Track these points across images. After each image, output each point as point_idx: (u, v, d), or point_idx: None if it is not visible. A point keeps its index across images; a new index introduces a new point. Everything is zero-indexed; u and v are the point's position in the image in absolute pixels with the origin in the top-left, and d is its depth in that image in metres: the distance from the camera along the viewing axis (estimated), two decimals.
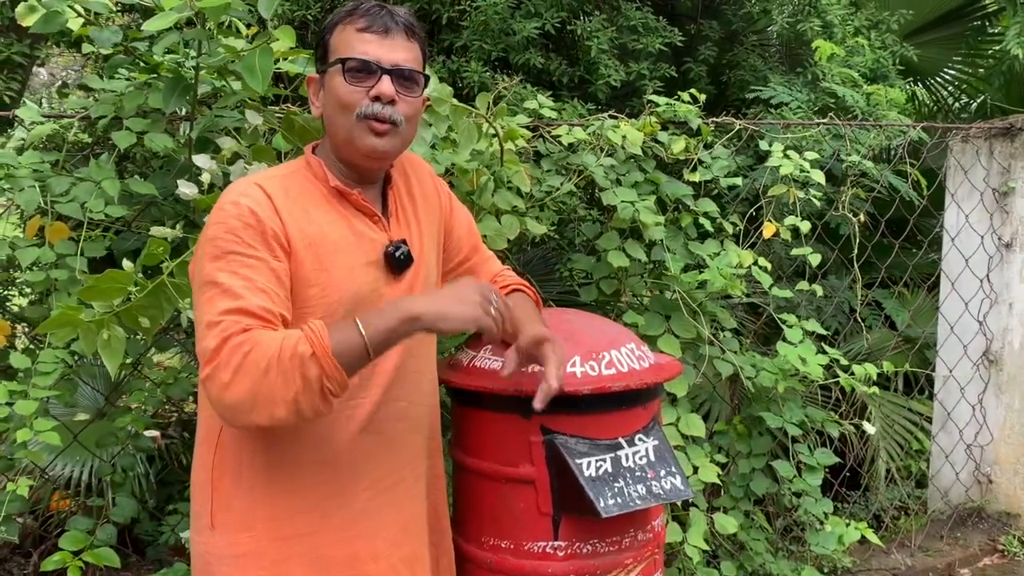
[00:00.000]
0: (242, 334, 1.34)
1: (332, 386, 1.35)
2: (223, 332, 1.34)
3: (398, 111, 1.51)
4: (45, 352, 1.86)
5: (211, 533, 1.53)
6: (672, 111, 2.77)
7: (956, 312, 3.56)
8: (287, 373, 1.32)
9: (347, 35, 1.51)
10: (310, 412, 1.36)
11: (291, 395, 1.33)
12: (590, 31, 4.16)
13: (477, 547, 1.81)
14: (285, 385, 1.32)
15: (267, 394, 1.32)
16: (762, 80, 4.55)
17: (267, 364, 1.32)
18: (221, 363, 1.33)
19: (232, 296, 1.37)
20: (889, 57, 4.83)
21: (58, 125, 2.04)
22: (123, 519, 2.01)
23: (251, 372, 1.32)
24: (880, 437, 3.84)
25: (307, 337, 1.33)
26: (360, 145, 1.51)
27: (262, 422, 1.35)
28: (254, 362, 1.32)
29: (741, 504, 2.86)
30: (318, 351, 1.32)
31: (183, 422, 3.47)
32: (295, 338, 1.33)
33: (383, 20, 1.51)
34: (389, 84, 1.49)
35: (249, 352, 1.32)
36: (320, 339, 1.33)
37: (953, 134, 3.53)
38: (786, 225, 2.78)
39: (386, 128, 1.50)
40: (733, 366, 2.71)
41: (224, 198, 1.45)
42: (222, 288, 1.38)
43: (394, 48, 1.51)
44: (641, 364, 1.79)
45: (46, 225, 1.94)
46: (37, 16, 1.78)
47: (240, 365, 1.32)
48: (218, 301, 1.37)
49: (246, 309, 1.36)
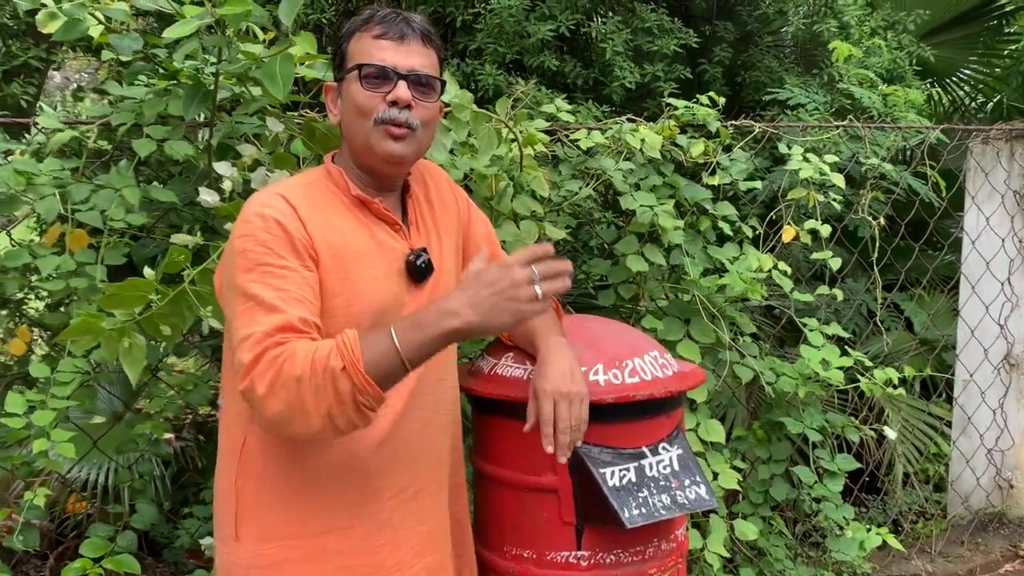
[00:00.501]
0: (277, 347, 1.33)
1: (366, 400, 1.32)
2: (259, 343, 1.33)
3: (414, 116, 1.51)
4: (64, 361, 1.85)
5: (236, 544, 1.52)
6: (691, 114, 2.75)
7: (976, 315, 3.53)
8: (319, 387, 1.30)
9: (363, 42, 1.51)
10: (345, 426, 1.34)
11: (324, 409, 1.31)
12: (605, 33, 4.15)
13: (499, 556, 1.80)
14: (317, 399, 1.31)
15: (301, 407, 1.31)
16: (778, 82, 4.52)
17: (299, 376, 1.30)
18: (257, 376, 1.32)
19: (269, 308, 1.36)
20: (906, 58, 4.80)
21: (77, 132, 2.03)
22: (143, 525, 2.01)
23: (286, 385, 1.31)
24: (898, 441, 3.81)
25: (339, 350, 1.31)
26: (378, 150, 1.50)
27: (302, 433, 1.35)
28: (288, 374, 1.31)
29: (760, 510, 2.84)
30: (349, 366, 1.30)
31: (197, 424, 3.47)
32: (327, 350, 1.31)
33: (399, 26, 1.51)
34: (405, 89, 1.49)
35: (283, 364, 1.32)
36: (352, 352, 1.30)
37: (973, 136, 3.50)
38: (806, 229, 2.76)
39: (403, 132, 1.50)
40: (753, 371, 2.68)
41: (248, 209, 1.44)
42: (257, 300, 1.37)
43: (410, 54, 1.51)
44: (664, 372, 1.78)
45: (66, 232, 1.94)
46: (58, 23, 1.78)
47: (275, 378, 1.31)
48: (256, 314, 1.36)
49: (284, 322, 1.35)
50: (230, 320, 1.42)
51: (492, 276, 1.32)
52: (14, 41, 4.13)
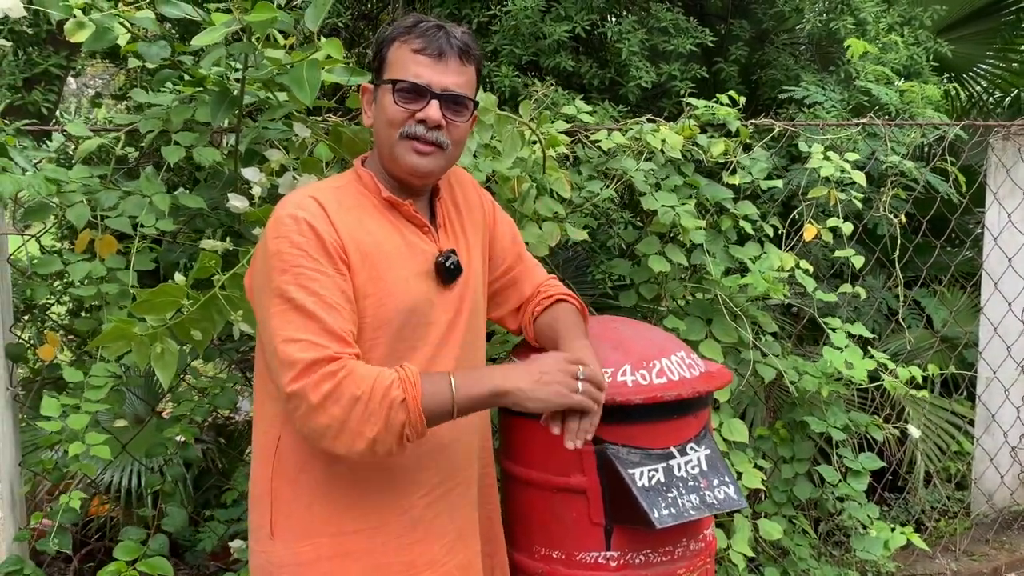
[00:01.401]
0: (334, 362, 1.37)
1: (411, 434, 1.39)
2: (313, 350, 1.36)
3: (444, 135, 1.53)
4: (97, 366, 1.88)
5: (271, 542, 1.54)
6: (711, 113, 2.75)
7: (999, 313, 3.51)
8: (374, 413, 1.35)
9: (402, 53, 1.52)
10: (384, 453, 1.40)
11: (372, 434, 1.36)
12: (621, 33, 4.15)
13: (528, 557, 1.81)
14: (368, 423, 1.35)
15: (349, 427, 1.36)
16: (794, 80, 4.51)
17: (357, 398, 1.35)
18: (312, 384, 1.35)
19: (307, 314, 1.39)
20: (922, 54, 4.77)
21: (105, 139, 2.06)
22: (174, 529, 2.03)
23: (341, 402, 1.35)
24: (920, 439, 3.79)
25: (402, 382, 1.37)
26: (402, 162, 1.53)
27: (340, 451, 1.40)
28: (345, 393, 1.35)
29: (784, 509, 2.83)
30: (410, 400, 1.36)
31: (217, 426, 3.49)
32: (389, 380, 1.37)
33: (439, 43, 1.52)
34: (437, 110, 1.51)
35: (342, 381, 1.35)
36: (414, 388, 1.37)
37: (994, 132, 3.48)
38: (828, 227, 2.76)
39: (430, 149, 1.53)
40: (776, 370, 2.68)
41: (281, 211, 1.46)
42: (293, 304, 1.39)
43: (447, 72, 1.52)
44: (692, 372, 1.78)
45: (96, 239, 1.96)
46: (87, 33, 1.79)
47: (331, 392, 1.35)
48: (291, 317, 1.39)
49: (332, 331, 1.39)
50: (264, 320, 1.43)
51: (548, 361, 1.49)
52: (35, 49, 4.16)
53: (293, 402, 1.38)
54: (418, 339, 1.53)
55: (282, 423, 1.52)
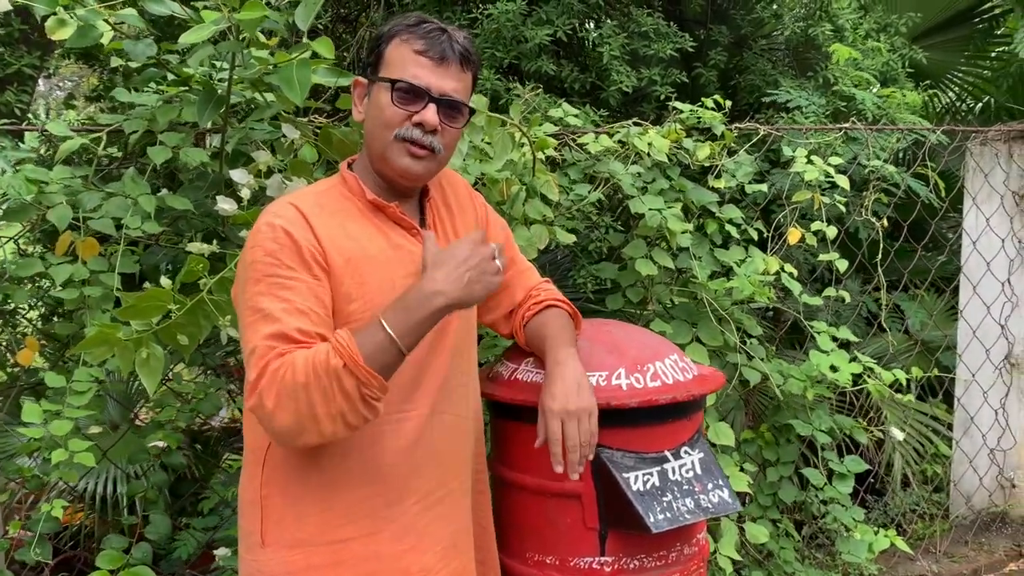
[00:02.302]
0: (277, 359, 1.34)
1: (372, 392, 1.35)
2: (261, 358, 1.35)
3: (438, 140, 1.51)
4: (80, 371, 1.83)
5: (262, 550, 1.51)
6: (696, 118, 2.76)
7: (978, 316, 3.55)
8: (325, 389, 1.32)
9: (403, 53, 1.50)
10: (357, 421, 1.36)
11: (335, 410, 1.33)
12: (602, 37, 4.15)
13: (521, 563, 1.79)
14: (326, 401, 1.33)
15: (311, 413, 1.33)
16: (772, 84, 4.54)
17: (305, 384, 1.32)
18: (264, 390, 1.34)
19: (271, 320, 1.37)
20: (898, 60, 4.83)
21: (86, 140, 2.01)
22: (157, 537, 1.99)
23: (292, 395, 1.33)
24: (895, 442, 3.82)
25: (335, 349, 1.34)
26: (394, 164, 1.51)
27: (313, 441, 1.37)
28: (292, 383, 1.32)
29: (769, 512, 2.84)
30: (349, 362, 1.32)
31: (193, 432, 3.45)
32: (324, 353, 1.33)
33: (441, 46, 1.50)
34: (434, 114, 1.49)
35: (285, 375, 1.33)
36: (348, 349, 1.33)
37: (972, 137, 3.52)
38: (812, 230, 2.77)
39: (424, 153, 1.51)
40: (761, 374, 2.68)
41: (260, 220, 1.45)
42: (263, 313, 1.38)
43: (446, 77, 1.51)
44: (685, 375, 1.78)
45: (77, 242, 1.92)
46: (69, 30, 1.75)
47: (280, 391, 1.33)
48: (259, 326, 1.38)
49: (283, 333, 1.36)
50: (241, 332, 1.42)
51: (464, 253, 1.44)
52: (7, 49, 4.09)
53: (257, 415, 1.37)
54: None
55: None
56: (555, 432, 1.52)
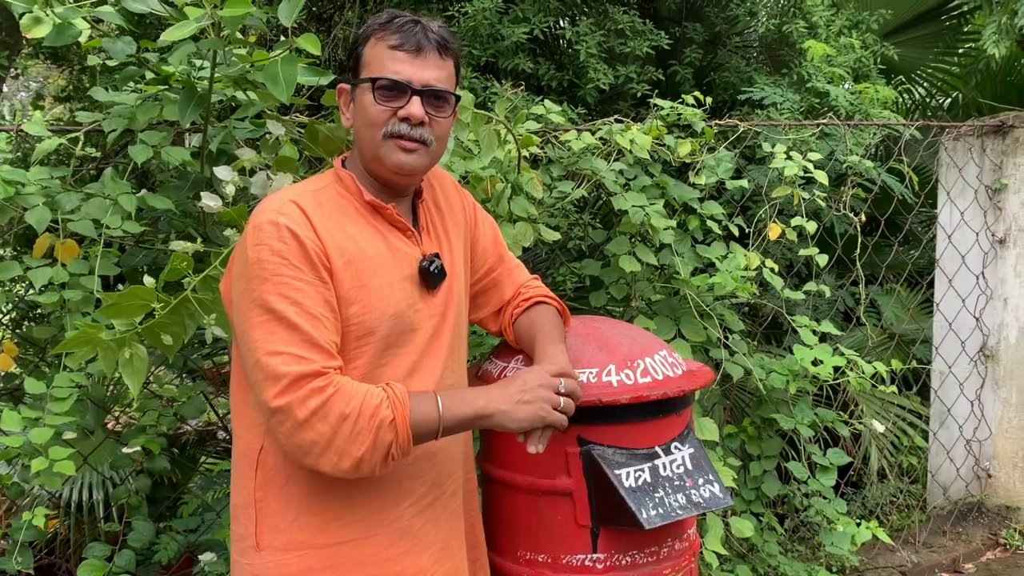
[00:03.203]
0: (319, 377, 1.34)
1: (398, 453, 1.37)
2: (295, 367, 1.33)
3: (428, 132, 1.49)
4: (60, 376, 1.79)
5: (257, 554, 1.49)
6: (676, 114, 2.76)
7: (953, 309, 3.59)
8: (362, 431, 1.33)
9: (379, 51, 1.48)
10: (369, 471, 1.38)
11: (359, 453, 1.34)
12: (579, 35, 4.15)
13: (512, 562, 1.78)
14: (355, 442, 1.33)
15: (335, 445, 1.33)
16: (747, 82, 4.57)
17: (346, 416, 1.32)
18: (298, 400, 1.32)
19: (290, 325, 1.35)
20: (870, 56, 4.88)
21: (64, 140, 1.97)
22: (141, 544, 1.95)
23: (329, 419, 1.32)
24: (871, 434, 3.86)
25: (391, 401, 1.35)
26: (388, 162, 1.49)
27: (324, 469, 1.37)
28: (334, 410, 1.32)
29: (753, 507, 2.86)
30: (399, 420, 1.35)
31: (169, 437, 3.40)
32: (378, 399, 1.35)
33: (416, 38, 1.47)
34: (419, 106, 1.47)
35: (330, 398, 1.33)
36: (403, 408, 1.36)
37: (946, 132, 3.56)
38: (792, 226, 2.78)
39: (415, 146, 1.49)
40: (743, 368, 2.70)
41: (259, 217, 1.41)
42: (276, 315, 1.35)
43: (426, 67, 1.48)
44: (675, 371, 1.78)
45: (56, 244, 1.88)
46: (46, 28, 1.72)
47: (318, 409, 1.32)
48: (276, 328, 1.35)
49: (314, 342, 1.35)
50: (245, 331, 1.38)
51: (532, 379, 1.48)
52: None
53: (277, 417, 1.34)
54: (403, 345, 1.50)
55: (263, 432, 1.47)
56: None
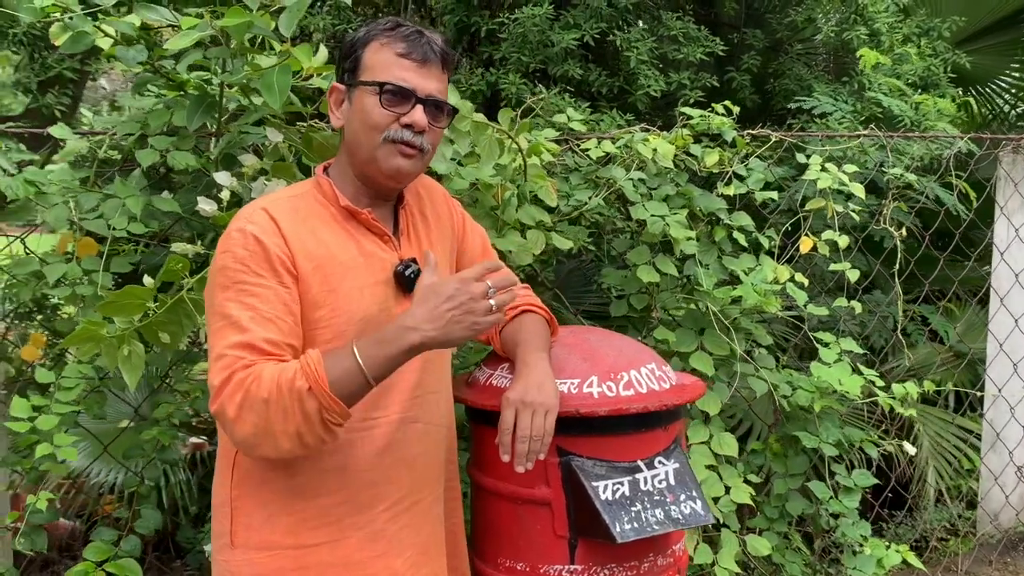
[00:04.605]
0: (244, 370, 1.36)
1: (332, 417, 1.36)
2: (228, 367, 1.36)
3: (426, 140, 1.52)
4: (69, 367, 1.89)
5: (232, 551, 1.53)
6: (706, 123, 2.73)
7: (1006, 328, 3.44)
8: (286, 408, 1.33)
9: (384, 56, 1.51)
10: (314, 443, 1.37)
11: (292, 429, 1.34)
12: (630, 41, 4.13)
13: (494, 568, 1.78)
14: (285, 419, 1.34)
15: (269, 429, 1.34)
16: (807, 90, 4.46)
17: (266, 400, 1.33)
18: (226, 398, 1.35)
19: (238, 329, 1.38)
20: (940, 65, 4.71)
21: (90, 142, 2.07)
22: (147, 531, 2.03)
23: (255, 408, 1.34)
24: (929, 455, 3.72)
25: (303, 370, 1.34)
26: (384, 166, 1.51)
27: (270, 454, 1.39)
28: (256, 398, 1.34)
29: (776, 525, 2.79)
30: (314, 386, 1.33)
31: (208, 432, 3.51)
32: (292, 371, 1.34)
33: (423, 48, 1.52)
34: (422, 114, 1.50)
35: (250, 388, 1.34)
36: (316, 372, 1.34)
37: (1003, 145, 3.42)
38: (824, 239, 2.71)
39: (413, 152, 1.52)
40: (767, 384, 2.64)
41: (231, 225, 1.46)
42: (230, 320, 1.39)
43: (429, 78, 1.52)
44: (661, 385, 1.76)
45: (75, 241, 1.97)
46: (68, 36, 1.81)
47: (243, 401, 1.34)
48: (226, 333, 1.39)
49: (250, 343, 1.38)
50: (208, 337, 1.43)
51: (449, 291, 1.37)
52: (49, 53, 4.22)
53: (219, 421, 1.39)
54: None
55: None
56: (507, 421, 1.51)
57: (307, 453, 1.40)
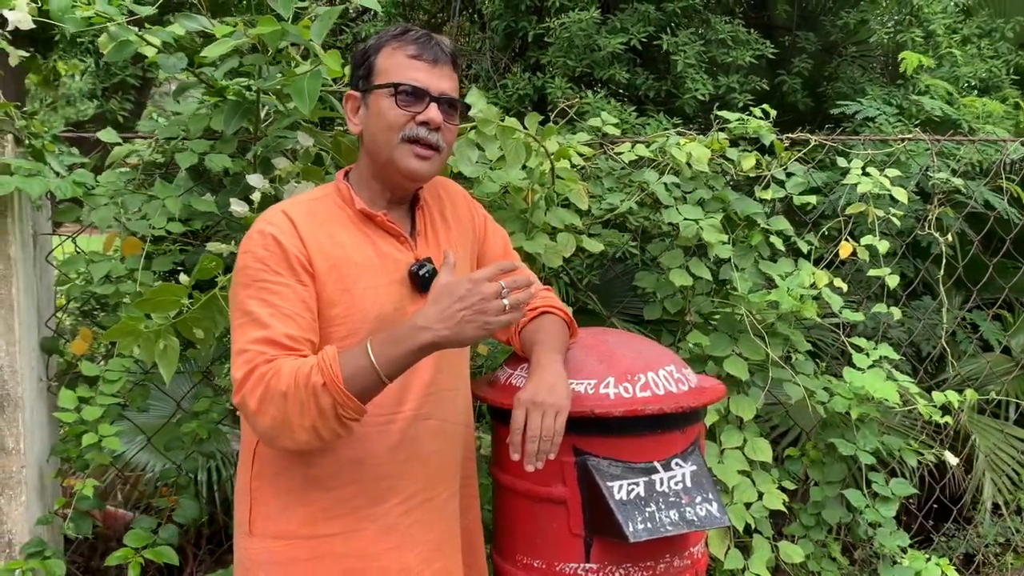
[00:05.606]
0: (266, 364, 1.42)
1: (347, 413, 1.40)
2: (250, 362, 1.43)
3: (442, 138, 1.57)
4: (113, 361, 1.98)
5: (250, 539, 1.59)
6: (743, 127, 2.71)
7: None
8: (303, 403, 1.38)
9: (397, 59, 1.57)
10: (330, 436, 1.42)
11: (308, 423, 1.40)
12: (677, 45, 4.12)
13: (511, 565, 1.81)
14: (302, 414, 1.39)
15: (287, 421, 1.40)
16: (860, 92, 4.39)
17: (285, 393, 1.39)
18: (248, 392, 1.41)
19: (259, 325, 1.45)
20: (1002, 66, 4.58)
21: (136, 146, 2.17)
22: (185, 520, 2.11)
23: (274, 401, 1.40)
24: (986, 468, 3.63)
25: (319, 367, 1.39)
26: (401, 166, 1.56)
27: (289, 446, 1.44)
28: (275, 390, 1.39)
29: (812, 533, 2.75)
30: (329, 382, 1.38)
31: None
32: (308, 367, 1.39)
33: (433, 50, 1.58)
34: (437, 111, 1.55)
35: (270, 382, 1.40)
36: (331, 369, 1.38)
37: None
38: (863, 244, 2.68)
39: (430, 153, 1.57)
40: (803, 390, 2.61)
41: (253, 227, 1.53)
42: (251, 316, 1.46)
43: (441, 77, 1.58)
44: (679, 387, 1.77)
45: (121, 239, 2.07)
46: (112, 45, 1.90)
47: (263, 394, 1.40)
48: (248, 329, 1.45)
49: (271, 338, 1.44)
50: (232, 332, 1.50)
51: (462, 291, 1.39)
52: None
53: (241, 413, 1.46)
54: None
55: None
56: (517, 420, 1.54)
57: (324, 446, 1.46)
